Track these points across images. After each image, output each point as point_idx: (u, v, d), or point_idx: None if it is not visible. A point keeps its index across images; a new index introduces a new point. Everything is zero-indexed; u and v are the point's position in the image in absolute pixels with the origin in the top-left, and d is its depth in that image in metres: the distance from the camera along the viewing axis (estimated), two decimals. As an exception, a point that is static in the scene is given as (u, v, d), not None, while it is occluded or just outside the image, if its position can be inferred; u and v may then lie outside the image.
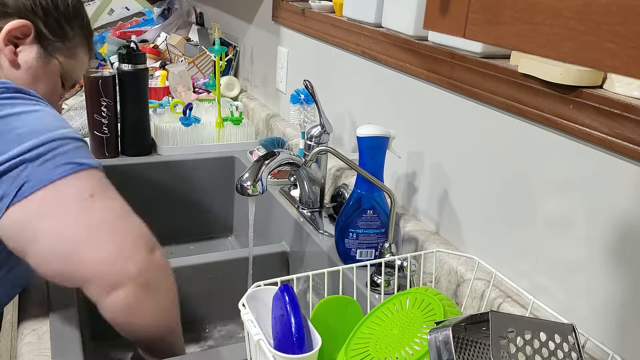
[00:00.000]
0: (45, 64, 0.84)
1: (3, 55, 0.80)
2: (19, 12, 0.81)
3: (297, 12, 1.36)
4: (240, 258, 1.10)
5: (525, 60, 0.73)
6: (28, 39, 0.82)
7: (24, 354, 0.73)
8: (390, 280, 0.87)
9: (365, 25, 1.09)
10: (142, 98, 1.35)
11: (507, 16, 0.37)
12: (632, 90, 0.62)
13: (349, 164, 0.89)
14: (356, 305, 0.69)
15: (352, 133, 1.20)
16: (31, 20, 0.81)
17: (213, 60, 1.79)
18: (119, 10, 2.27)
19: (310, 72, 1.37)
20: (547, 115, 0.71)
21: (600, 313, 0.67)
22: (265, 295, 0.66)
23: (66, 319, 0.79)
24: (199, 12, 2.16)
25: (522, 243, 0.78)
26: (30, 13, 0.82)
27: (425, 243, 0.91)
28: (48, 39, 0.84)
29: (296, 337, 0.60)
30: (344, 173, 1.17)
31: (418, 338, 0.59)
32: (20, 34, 0.81)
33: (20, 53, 0.82)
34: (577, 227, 0.69)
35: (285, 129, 1.42)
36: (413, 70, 0.96)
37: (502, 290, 0.78)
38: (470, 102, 0.85)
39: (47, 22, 0.83)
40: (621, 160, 0.63)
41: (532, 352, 0.55)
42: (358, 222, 0.93)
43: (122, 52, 1.31)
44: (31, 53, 0.82)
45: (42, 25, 0.83)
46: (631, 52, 0.29)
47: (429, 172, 0.96)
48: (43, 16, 0.83)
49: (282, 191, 1.24)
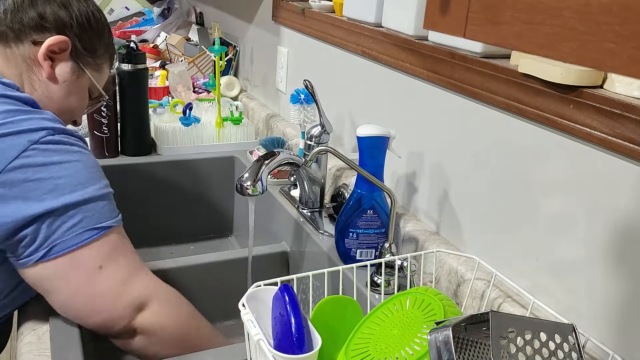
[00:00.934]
0: (78, 78, 0.88)
1: (42, 70, 0.83)
2: (58, 28, 0.84)
3: (297, 12, 1.36)
4: (240, 258, 1.10)
5: (525, 60, 0.73)
6: (64, 54, 0.85)
7: (24, 354, 0.73)
8: (390, 280, 0.87)
9: (365, 25, 1.09)
10: (142, 98, 1.35)
11: (507, 16, 0.37)
12: (633, 90, 0.62)
13: (349, 164, 0.89)
14: (356, 305, 0.69)
15: (352, 133, 1.20)
16: (68, 36, 0.84)
17: (213, 60, 1.79)
18: (119, 10, 2.27)
19: (310, 72, 1.37)
20: (547, 115, 0.71)
21: (600, 313, 0.67)
22: (265, 295, 0.66)
23: (66, 319, 0.79)
24: (199, 12, 2.16)
25: (522, 243, 0.77)
26: (67, 29, 0.85)
27: (426, 243, 0.91)
28: (81, 54, 0.87)
29: (296, 337, 0.60)
30: (344, 173, 1.17)
31: (418, 338, 0.59)
32: (58, 49, 0.84)
33: (56, 68, 0.85)
34: (577, 227, 0.69)
35: (285, 129, 1.42)
36: (413, 70, 0.96)
37: (502, 290, 0.78)
38: (470, 102, 0.85)
39: (81, 38, 0.87)
40: (621, 160, 0.63)
41: (532, 352, 0.55)
42: (358, 222, 0.93)
43: (122, 52, 1.31)
44: (66, 68, 0.86)
45: (77, 41, 0.86)
46: (631, 52, 0.29)
47: (429, 172, 0.96)
48: (79, 32, 0.86)
49: (282, 191, 1.24)
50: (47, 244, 0.72)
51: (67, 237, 0.73)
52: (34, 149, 0.71)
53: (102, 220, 0.76)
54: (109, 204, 0.78)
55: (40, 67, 0.83)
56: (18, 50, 0.82)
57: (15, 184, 0.70)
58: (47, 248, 0.72)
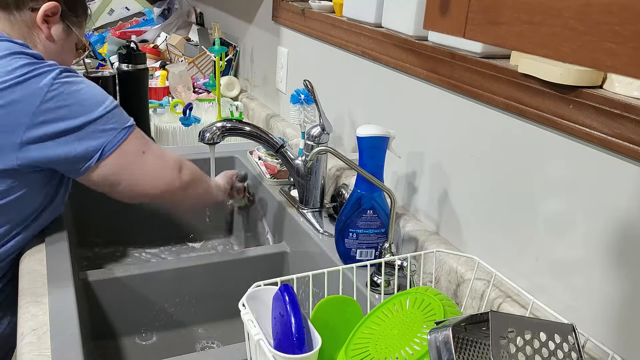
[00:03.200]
0: (68, 36, 1.05)
1: (41, 32, 1.01)
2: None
3: (297, 12, 1.36)
4: (240, 258, 1.10)
5: (525, 60, 0.73)
6: (56, 17, 1.02)
7: (24, 354, 0.73)
8: (390, 280, 0.87)
9: (365, 25, 1.09)
10: (142, 98, 1.35)
11: (507, 16, 0.37)
12: (632, 90, 0.62)
13: (349, 164, 0.89)
14: (356, 305, 0.69)
15: (352, 133, 1.20)
16: (57, 1, 1.01)
17: (213, 60, 1.79)
18: (119, 10, 2.27)
19: (310, 72, 1.37)
20: (547, 115, 0.71)
21: (600, 313, 0.67)
22: (265, 295, 0.66)
23: (66, 319, 0.79)
24: (199, 12, 2.16)
25: (522, 243, 0.77)
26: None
27: (425, 243, 0.91)
28: (68, 15, 1.04)
29: (296, 337, 0.60)
30: (344, 173, 1.17)
31: (418, 338, 0.59)
32: (51, 13, 1.00)
33: (52, 29, 1.02)
34: (577, 227, 0.69)
35: (285, 129, 1.42)
36: (413, 70, 0.96)
37: (502, 290, 0.78)
38: (470, 102, 0.85)
39: (67, 2, 1.03)
40: (621, 160, 0.63)
41: (532, 352, 0.55)
42: (358, 222, 0.93)
43: (122, 52, 1.31)
44: (59, 28, 1.03)
45: (64, 5, 1.03)
46: (631, 52, 0.29)
47: (429, 172, 0.96)
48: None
49: (282, 191, 1.24)
50: (99, 146, 0.92)
51: (110, 137, 0.92)
52: (57, 83, 0.89)
53: (126, 121, 0.95)
54: (123, 111, 0.97)
55: (39, 30, 1.00)
56: (20, 17, 0.99)
57: (52, 110, 0.88)
58: (100, 150, 0.92)
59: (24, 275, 0.89)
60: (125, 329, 1.05)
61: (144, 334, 1.07)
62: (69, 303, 0.82)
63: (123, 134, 0.94)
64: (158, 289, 1.05)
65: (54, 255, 0.94)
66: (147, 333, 1.07)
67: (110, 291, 1.01)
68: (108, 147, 0.93)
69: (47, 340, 0.75)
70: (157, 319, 1.07)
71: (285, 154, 1.14)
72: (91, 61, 2.04)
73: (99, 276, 1.01)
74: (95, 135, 0.92)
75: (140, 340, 1.06)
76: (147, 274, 1.03)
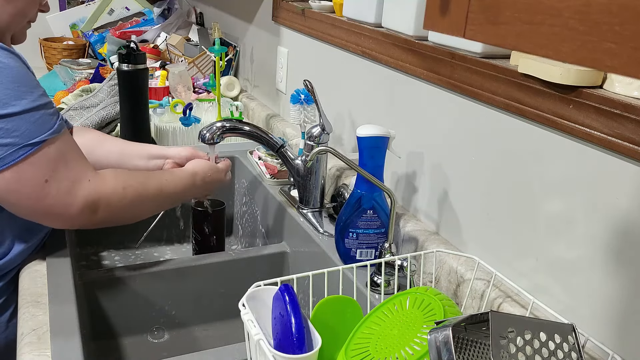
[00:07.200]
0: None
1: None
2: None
3: (297, 12, 1.36)
4: (241, 258, 1.10)
5: (525, 60, 0.73)
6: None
7: (24, 354, 0.73)
8: (390, 280, 0.87)
9: (365, 25, 1.09)
10: (142, 98, 1.35)
11: (507, 16, 0.37)
12: (632, 90, 0.62)
13: (349, 164, 0.89)
14: (356, 305, 0.69)
15: (352, 133, 1.20)
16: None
17: (213, 60, 1.79)
18: (119, 10, 2.27)
19: (310, 72, 1.37)
20: (547, 115, 0.71)
21: (600, 313, 0.67)
22: (265, 295, 0.66)
23: (66, 319, 0.79)
24: (199, 12, 2.16)
25: (522, 243, 0.77)
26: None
27: (425, 243, 0.91)
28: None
29: (296, 337, 0.60)
30: (344, 173, 1.17)
31: (418, 338, 0.59)
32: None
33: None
34: (577, 227, 0.69)
35: (285, 129, 1.42)
36: (413, 70, 0.96)
37: (502, 290, 0.78)
38: (470, 102, 0.85)
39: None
40: (621, 160, 0.63)
41: (532, 352, 0.55)
42: (358, 222, 0.93)
43: (122, 52, 1.31)
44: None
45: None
46: (631, 52, 0.29)
47: (429, 172, 0.96)
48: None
49: (282, 191, 1.24)
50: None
51: (4, 154, 0.75)
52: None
53: (34, 135, 0.76)
54: (43, 116, 0.78)
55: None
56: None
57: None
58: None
59: (24, 275, 0.89)
60: (125, 329, 1.05)
61: (144, 334, 1.07)
62: (69, 303, 0.82)
63: (22, 153, 0.75)
64: (158, 289, 1.05)
65: (54, 255, 0.94)
66: (147, 333, 1.07)
67: (110, 291, 1.01)
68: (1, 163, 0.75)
69: (47, 340, 0.75)
70: (157, 319, 1.08)
71: (285, 154, 1.14)
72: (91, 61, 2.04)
73: (99, 276, 1.01)
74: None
75: (140, 341, 1.06)
76: (147, 274, 1.03)
